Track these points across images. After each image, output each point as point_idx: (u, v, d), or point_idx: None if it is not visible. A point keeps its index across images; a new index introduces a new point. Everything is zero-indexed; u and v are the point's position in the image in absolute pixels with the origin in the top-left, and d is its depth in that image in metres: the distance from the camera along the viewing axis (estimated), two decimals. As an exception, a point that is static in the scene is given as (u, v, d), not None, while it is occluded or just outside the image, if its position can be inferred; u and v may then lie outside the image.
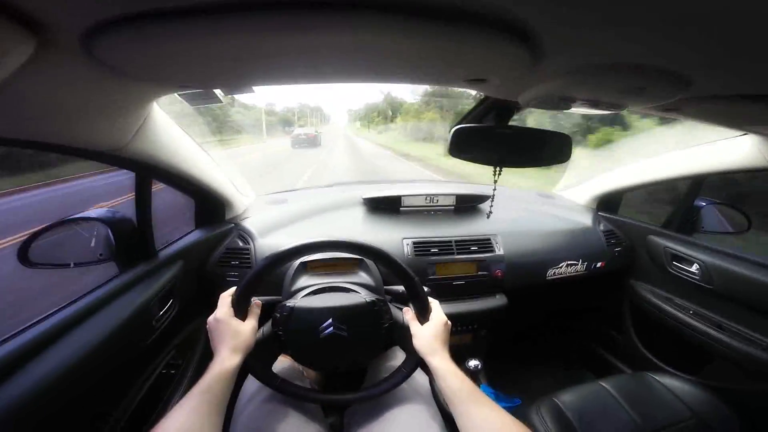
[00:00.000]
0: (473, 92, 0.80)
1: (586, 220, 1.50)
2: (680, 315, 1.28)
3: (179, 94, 0.61)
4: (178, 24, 0.33)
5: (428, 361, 0.72)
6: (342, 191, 1.59)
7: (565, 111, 0.70)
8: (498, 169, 0.82)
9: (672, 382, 1.05)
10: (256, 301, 0.79)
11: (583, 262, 1.35)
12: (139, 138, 0.72)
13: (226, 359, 0.66)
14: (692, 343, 1.24)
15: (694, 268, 1.23)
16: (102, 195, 6.34)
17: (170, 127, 0.84)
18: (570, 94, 0.56)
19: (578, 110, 0.68)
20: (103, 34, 0.34)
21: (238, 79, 0.52)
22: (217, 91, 0.58)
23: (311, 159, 14.47)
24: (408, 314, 0.81)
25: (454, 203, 1.43)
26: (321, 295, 0.83)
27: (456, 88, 0.59)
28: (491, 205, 0.96)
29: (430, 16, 0.35)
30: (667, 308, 1.32)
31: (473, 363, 1.21)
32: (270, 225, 1.25)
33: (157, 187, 0.93)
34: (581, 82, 0.50)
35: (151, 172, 0.88)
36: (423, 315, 0.79)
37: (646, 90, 0.52)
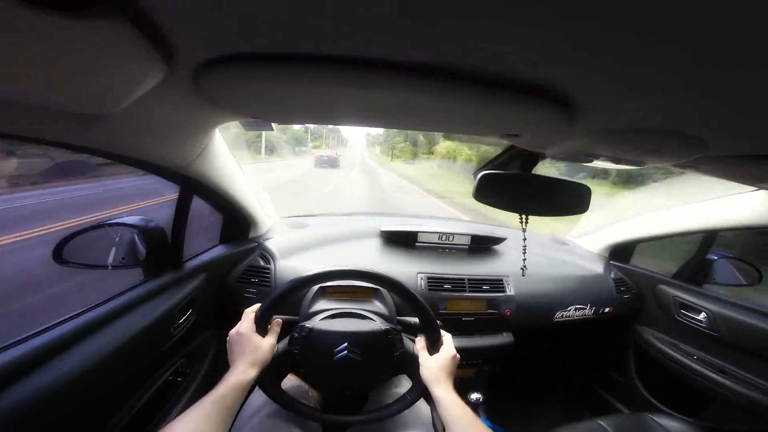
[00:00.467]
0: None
1: (598, 267, 1.52)
2: (684, 360, 1.30)
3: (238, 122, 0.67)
4: (273, 67, 0.38)
5: (432, 389, 0.74)
6: (360, 221, 1.63)
7: (587, 164, 0.73)
8: (525, 217, 0.84)
9: (671, 423, 1.05)
10: (277, 319, 0.81)
11: (591, 306, 1.37)
12: (200, 158, 0.78)
13: (243, 372, 0.68)
14: (693, 386, 1.26)
15: (702, 316, 1.26)
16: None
17: (224, 150, 0.91)
18: (595, 151, 0.60)
19: (601, 164, 0.72)
20: (212, 67, 0.39)
21: (300, 115, 0.57)
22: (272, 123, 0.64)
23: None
24: (419, 344, 0.83)
25: (469, 243, 1.46)
26: (338, 319, 0.86)
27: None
28: (524, 259, 0.97)
29: (479, 81, 0.39)
30: (672, 353, 1.34)
31: (474, 396, 1.21)
32: (291, 248, 1.28)
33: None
34: (607, 141, 0.54)
35: (197, 189, 0.93)
36: (434, 346, 0.82)
37: (665, 150, 0.57)
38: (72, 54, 0.30)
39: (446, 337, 0.83)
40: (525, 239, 0.91)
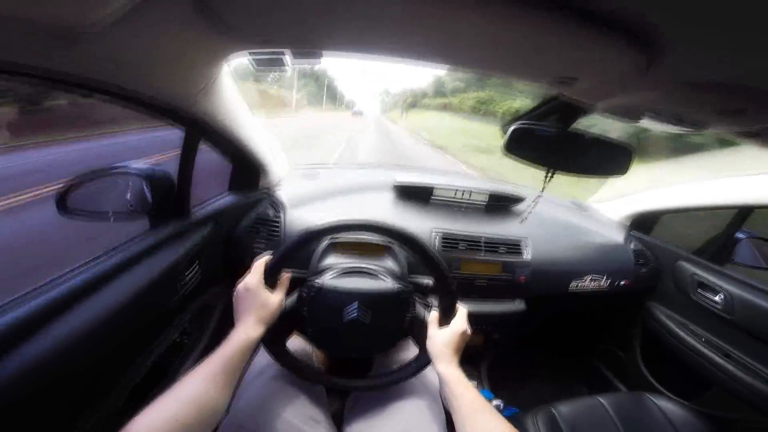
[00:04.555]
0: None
1: (618, 236, 1.46)
2: (691, 341, 1.28)
3: (249, 57, 0.60)
4: None
5: (435, 365, 0.72)
6: (373, 173, 1.56)
7: (636, 123, 0.66)
8: (550, 174, 0.79)
9: (667, 405, 1.07)
10: (287, 274, 0.78)
11: (607, 278, 1.33)
12: (203, 96, 0.71)
13: (250, 329, 0.65)
14: (696, 369, 1.26)
15: (718, 297, 1.22)
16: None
17: (231, 90, 0.83)
18: (660, 107, 0.52)
19: (650, 124, 0.64)
20: None
21: (322, 42, 0.50)
22: (287, 59, 0.57)
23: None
24: (431, 316, 0.79)
25: (486, 201, 1.39)
26: (349, 277, 0.82)
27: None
28: (530, 211, 0.93)
29: (543, 6, 0.32)
30: (680, 333, 1.32)
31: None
32: (301, 198, 1.24)
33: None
34: (682, 97, 0.47)
35: (202, 131, 0.87)
36: (447, 313, 0.78)
37: (744, 113, 0.49)
38: None
39: (460, 311, 0.79)
40: (543, 191, 0.86)
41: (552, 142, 0.74)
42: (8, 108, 7.42)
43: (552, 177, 0.80)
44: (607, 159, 0.77)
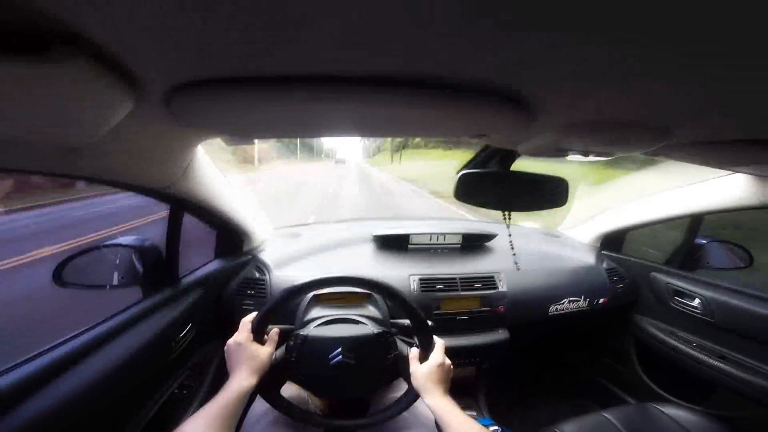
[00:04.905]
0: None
1: (590, 258, 1.53)
2: (683, 347, 1.30)
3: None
4: (245, 89, 0.40)
5: (423, 398, 0.76)
6: (353, 228, 1.65)
7: (562, 159, 0.76)
8: (508, 213, 0.86)
9: (676, 412, 1.06)
10: (275, 328, 0.83)
11: (585, 298, 1.38)
12: (184, 176, 0.80)
13: (243, 380, 0.69)
14: (696, 373, 1.26)
15: (696, 302, 1.27)
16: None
17: (208, 166, 0.93)
18: (563, 146, 0.62)
19: (573, 158, 0.74)
20: (182, 91, 0.41)
21: (276, 131, 0.60)
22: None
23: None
24: (411, 353, 0.83)
25: (461, 242, 1.47)
26: (332, 325, 0.87)
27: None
28: (514, 254, 1.00)
29: (443, 88, 0.42)
30: (671, 341, 1.35)
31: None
32: (285, 258, 1.30)
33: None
34: (572, 136, 0.57)
35: (185, 207, 0.96)
36: (425, 352, 0.83)
37: (630, 140, 0.59)
38: (43, 94, 0.32)
39: (437, 344, 0.83)
40: (510, 235, 0.93)
41: (496, 184, 0.83)
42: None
43: (510, 215, 0.88)
44: (547, 193, 0.85)
